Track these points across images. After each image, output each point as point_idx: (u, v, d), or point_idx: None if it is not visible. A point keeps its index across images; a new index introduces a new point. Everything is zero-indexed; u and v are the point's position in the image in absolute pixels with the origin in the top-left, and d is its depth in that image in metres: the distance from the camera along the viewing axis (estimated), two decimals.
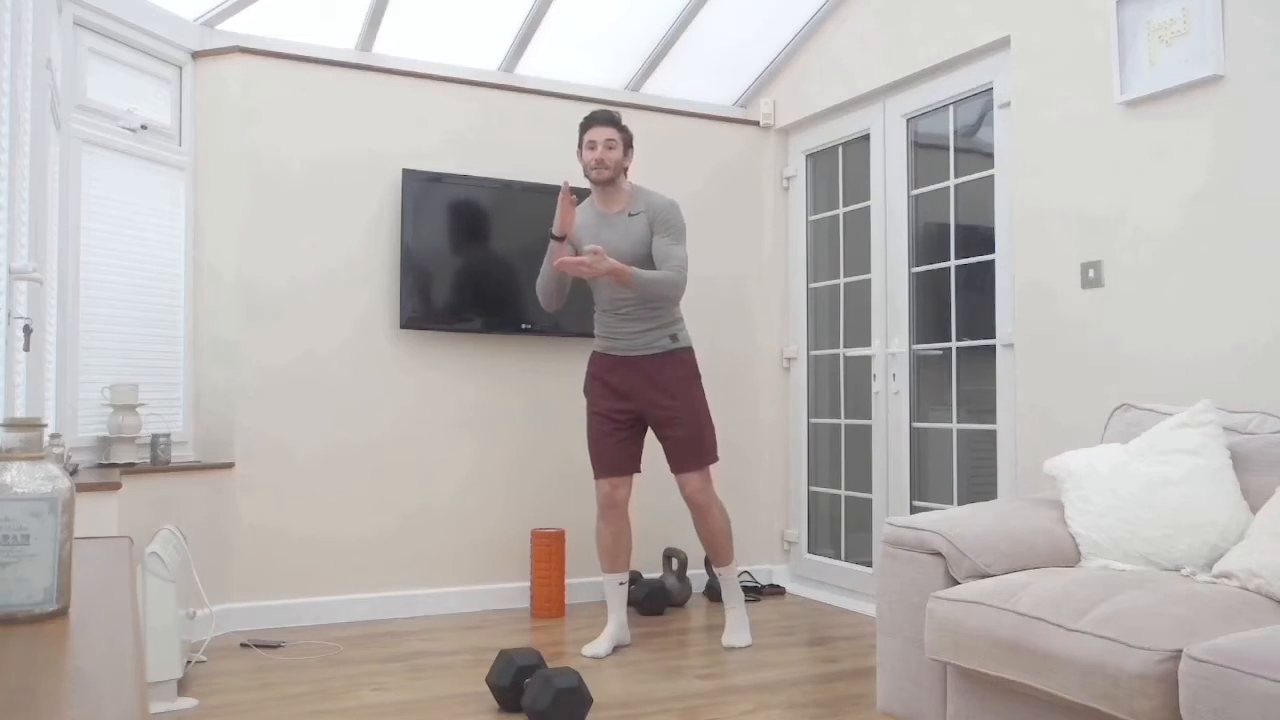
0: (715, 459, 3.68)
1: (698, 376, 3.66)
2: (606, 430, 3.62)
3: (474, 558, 4.28)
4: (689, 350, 3.66)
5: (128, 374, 3.64)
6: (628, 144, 3.62)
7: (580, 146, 3.64)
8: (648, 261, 3.54)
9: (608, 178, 3.57)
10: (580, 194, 3.74)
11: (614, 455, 3.61)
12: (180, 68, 3.94)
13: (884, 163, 4.26)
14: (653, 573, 4.52)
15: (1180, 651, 1.82)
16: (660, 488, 4.34)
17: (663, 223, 3.55)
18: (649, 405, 3.59)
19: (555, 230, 3.51)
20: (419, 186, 4.13)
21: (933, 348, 4.04)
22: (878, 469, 4.26)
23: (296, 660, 3.45)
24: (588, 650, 3.55)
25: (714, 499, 3.66)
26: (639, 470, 3.68)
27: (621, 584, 3.69)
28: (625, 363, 3.61)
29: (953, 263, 3.94)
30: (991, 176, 3.75)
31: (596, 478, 3.66)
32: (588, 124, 3.63)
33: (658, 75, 4.66)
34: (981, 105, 3.85)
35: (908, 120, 4.16)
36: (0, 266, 2.26)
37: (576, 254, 3.55)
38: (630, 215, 3.60)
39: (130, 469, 3.45)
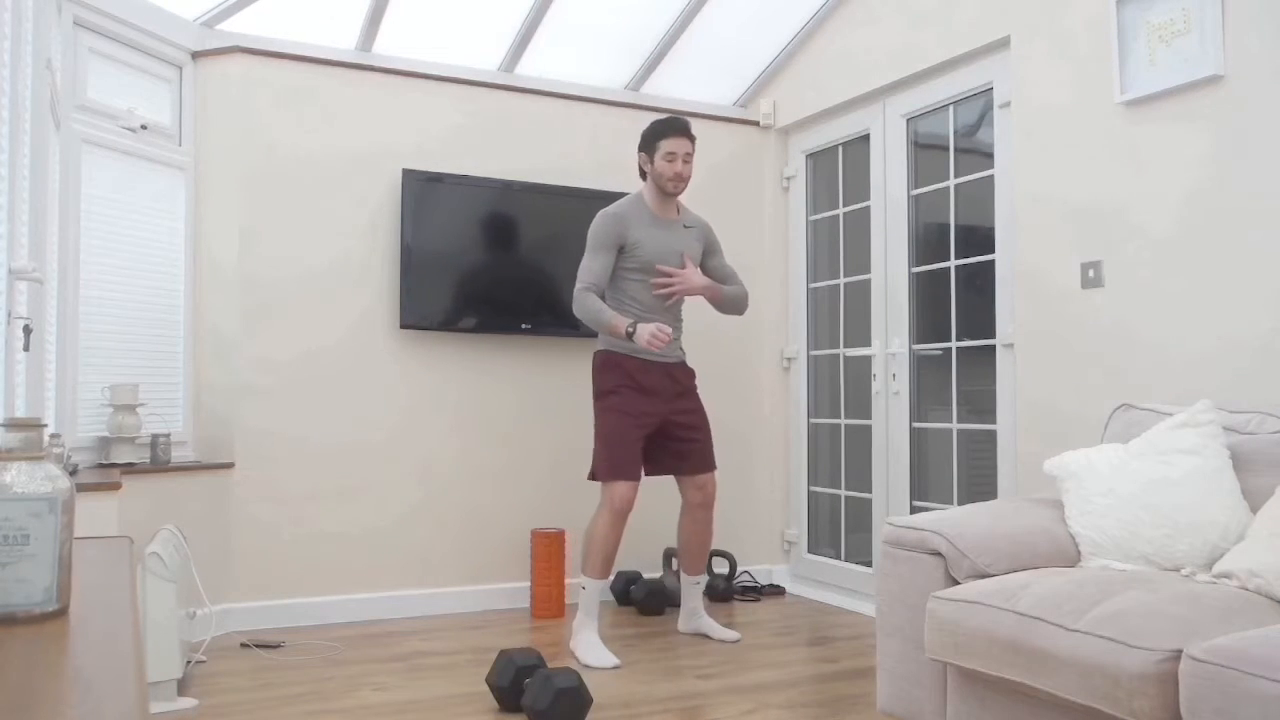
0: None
1: None
2: (637, 435, 3.56)
3: (474, 558, 4.28)
4: None
5: (128, 374, 3.64)
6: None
7: (650, 152, 3.60)
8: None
9: (682, 191, 3.64)
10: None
11: (639, 460, 3.57)
12: (180, 68, 3.94)
13: (884, 163, 4.26)
14: (653, 573, 4.52)
15: (1180, 651, 1.82)
16: (660, 488, 4.33)
17: (715, 242, 3.81)
18: (674, 410, 3.63)
19: (636, 339, 3.39)
20: (419, 186, 4.13)
21: (933, 348, 4.04)
22: (878, 469, 4.26)
23: (296, 660, 3.45)
24: (603, 662, 3.36)
25: None
26: None
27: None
28: (659, 367, 3.61)
29: (953, 263, 3.94)
30: (991, 176, 3.75)
31: (616, 479, 3.50)
32: (669, 131, 3.57)
33: (658, 75, 4.66)
34: (981, 105, 3.85)
35: (908, 120, 4.16)
36: (0, 266, 2.26)
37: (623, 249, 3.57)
38: (686, 227, 3.70)
39: (130, 469, 3.45)
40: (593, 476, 3.63)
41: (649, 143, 3.61)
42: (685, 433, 3.67)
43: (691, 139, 3.61)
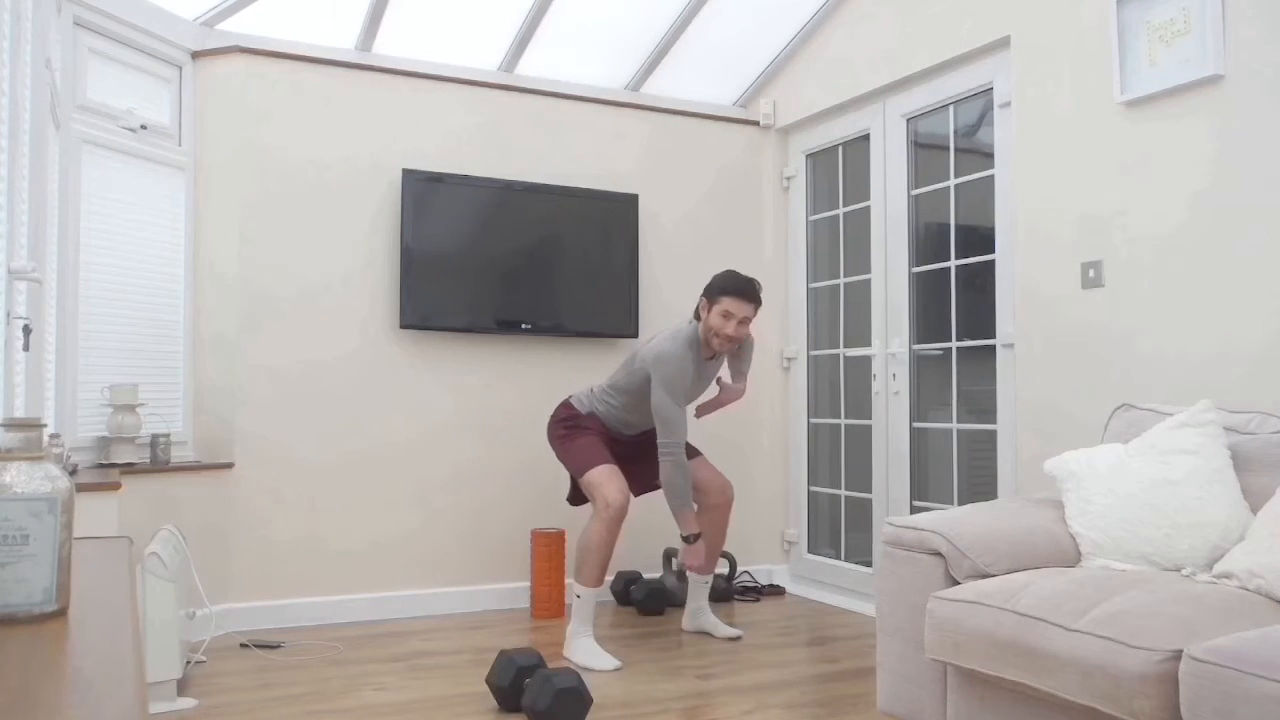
0: None
1: None
2: (604, 442, 3.64)
3: (474, 558, 4.28)
4: None
5: (128, 374, 3.64)
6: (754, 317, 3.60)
7: (711, 301, 3.50)
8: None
9: (729, 351, 3.66)
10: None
11: (613, 458, 3.60)
12: (180, 68, 3.94)
13: (884, 163, 4.26)
14: (653, 573, 4.52)
15: (1180, 651, 1.82)
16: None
17: (749, 347, 3.82)
18: (641, 438, 3.77)
19: (690, 545, 3.58)
20: (419, 186, 4.13)
21: (933, 348, 4.04)
22: (878, 469, 4.26)
23: (296, 660, 3.45)
24: (603, 664, 3.35)
25: None
26: None
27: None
28: (627, 437, 3.79)
29: (953, 263, 3.94)
30: (991, 176, 3.75)
31: (595, 465, 3.50)
32: (732, 290, 3.47)
33: (658, 75, 4.66)
34: (981, 105, 3.85)
35: (908, 120, 4.16)
36: (0, 266, 2.25)
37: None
38: (719, 355, 3.72)
39: (130, 469, 3.45)
40: (572, 500, 3.78)
41: (713, 292, 3.51)
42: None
43: (756, 304, 3.51)
